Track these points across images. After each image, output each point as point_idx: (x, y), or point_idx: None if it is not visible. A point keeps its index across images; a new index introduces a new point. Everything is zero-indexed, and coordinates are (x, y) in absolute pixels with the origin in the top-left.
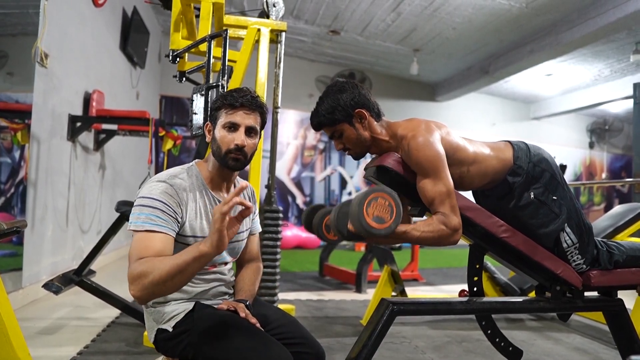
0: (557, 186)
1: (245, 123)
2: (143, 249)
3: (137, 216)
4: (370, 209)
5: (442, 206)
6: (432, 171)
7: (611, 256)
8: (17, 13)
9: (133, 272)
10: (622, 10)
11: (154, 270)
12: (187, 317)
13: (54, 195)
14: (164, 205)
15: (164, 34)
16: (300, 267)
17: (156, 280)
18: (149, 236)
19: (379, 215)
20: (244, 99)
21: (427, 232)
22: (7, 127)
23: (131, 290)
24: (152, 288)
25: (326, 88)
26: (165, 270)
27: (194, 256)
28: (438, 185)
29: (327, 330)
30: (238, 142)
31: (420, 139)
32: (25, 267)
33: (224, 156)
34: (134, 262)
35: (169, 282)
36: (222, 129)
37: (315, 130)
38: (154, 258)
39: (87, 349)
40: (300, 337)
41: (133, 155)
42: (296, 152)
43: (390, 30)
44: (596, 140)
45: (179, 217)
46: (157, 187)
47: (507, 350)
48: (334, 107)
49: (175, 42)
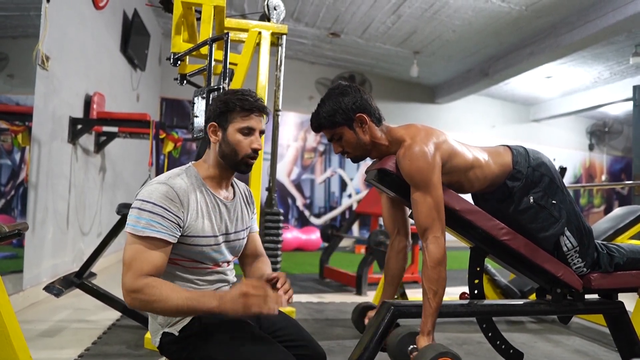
0: (556, 190)
1: (259, 127)
2: (144, 262)
3: (137, 220)
4: None
5: (431, 231)
6: (422, 183)
7: (611, 259)
8: (17, 15)
9: (137, 290)
10: (622, 12)
11: (160, 301)
12: (193, 322)
13: (55, 197)
14: (165, 210)
15: (165, 36)
16: (300, 269)
17: (157, 309)
18: (149, 247)
19: None
20: (257, 104)
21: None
22: (7, 130)
23: (128, 299)
24: (154, 310)
25: (328, 90)
26: (170, 306)
27: (203, 309)
28: (427, 199)
29: (327, 333)
30: (256, 146)
31: (415, 148)
32: (25, 269)
33: (239, 160)
34: (138, 277)
35: (167, 313)
36: (238, 133)
37: (315, 132)
38: (163, 285)
39: (88, 352)
40: (302, 340)
41: (133, 157)
42: (296, 154)
43: (391, 32)
44: (596, 142)
45: (181, 222)
46: (158, 190)
47: (507, 353)
48: (335, 110)
49: (177, 45)
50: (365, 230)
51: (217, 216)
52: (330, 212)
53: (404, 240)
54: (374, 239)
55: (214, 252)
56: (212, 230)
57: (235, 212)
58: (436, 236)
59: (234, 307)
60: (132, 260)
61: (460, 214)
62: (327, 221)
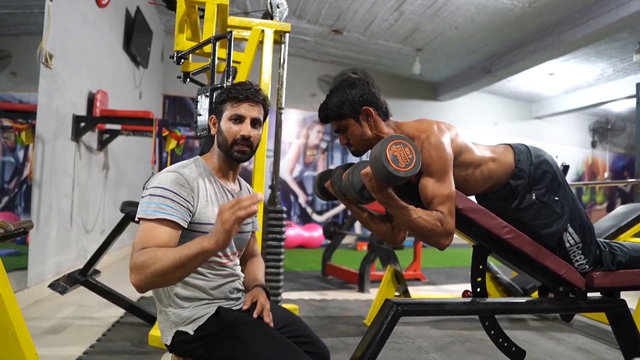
0: (558, 187)
1: (251, 115)
2: (148, 238)
3: (147, 205)
4: (392, 150)
5: (442, 206)
6: (439, 172)
7: (614, 257)
8: (20, 13)
9: (135, 261)
10: (625, 9)
11: (156, 262)
12: (210, 321)
13: (59, 195)
14: (175, 195)
15: (167, 34)
16: (302, 266)
17: (157, 272)
18: (156, 226)
19: (400, 159)
20: (248, 92)
21: (423, 219)
22: (11, 127)
23: (131, 278)
24: (153, 279)
25: (338, 82)
26: (167, 263)
27: (197, 252)
28: (441, 187)
29: (330, 330)
30: (244, 132)
31: (434, 139)
32: (30, 267)
33: (230, 147)
34: (137, 251)
35: (169, 275)
36: (228, 121)
37: (322, 123)
38: (157, 249)
39: (92, 349)
40: (306, 337)
41: (136, 155)
42: (298, 151)
43: (393, 29)
44: (598, 139)
45: (191, 207)
46: (168, 177)
47: (510, 351)
48: (343, 102)
49: (180, 44)
50: None
51: None
52: (332, 210)
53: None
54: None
55: None
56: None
57: None
58: (445, 213)
59: (218, 230)
60: (138, 240)
61: (463, 212)
62: (329, 218)
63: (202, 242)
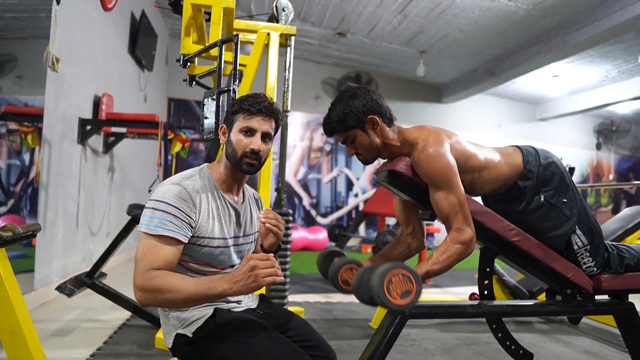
0: (566, 189)
1: (262, 129)
2: (154, 256)
3: (150, 219)
4: (391, 287)
5: (456, 220)
6: (443, 183)
7: (622, 259)
8: (26, 17)
9: (147, 284)
10: (630, 11)
11: (172, 291)
12: (207, 323)
13: (65, 198)
14: (178, 210)
15: (171, 37)
16: (307, 269)
17: (171, 300)
18: (160, 244)
19: (401, 290)
20: (262, 105)
21: (446, 260)
22: (17, 130)
23: (139, 296)
24: (164, 304)
25: (338, 93)
26: (184, 295)
27: (215, 294)
28: (450, 198)
29: (336, 333)
30: (254, 146)
31: (430, 150)
32: (37, 269)
33: (239, 160)
34: (147, 270)
35: (182, 304)
36: (239, 132)
37: (328, 136)
38: (171, 274)
39: (99, 351)
40: (313, 340)
41: (141, 157)
42: (302, 154)
43: (397, 32)
44: (603, 141)
45: (193, 222)
46: (171, 191)
47: (517, 354)
48: (347, 114)
49: (186, 47)
50: (372, 229)
51: (227, 219)
52: (337, 212)
53: (418, 241)
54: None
55: (223, 254)
56: (221, 233)
57: (245, 215)
58: (459, 227)
59: (247, 284)
60: (143, 256)
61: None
62: (334, 221)
63: (224, 286)
